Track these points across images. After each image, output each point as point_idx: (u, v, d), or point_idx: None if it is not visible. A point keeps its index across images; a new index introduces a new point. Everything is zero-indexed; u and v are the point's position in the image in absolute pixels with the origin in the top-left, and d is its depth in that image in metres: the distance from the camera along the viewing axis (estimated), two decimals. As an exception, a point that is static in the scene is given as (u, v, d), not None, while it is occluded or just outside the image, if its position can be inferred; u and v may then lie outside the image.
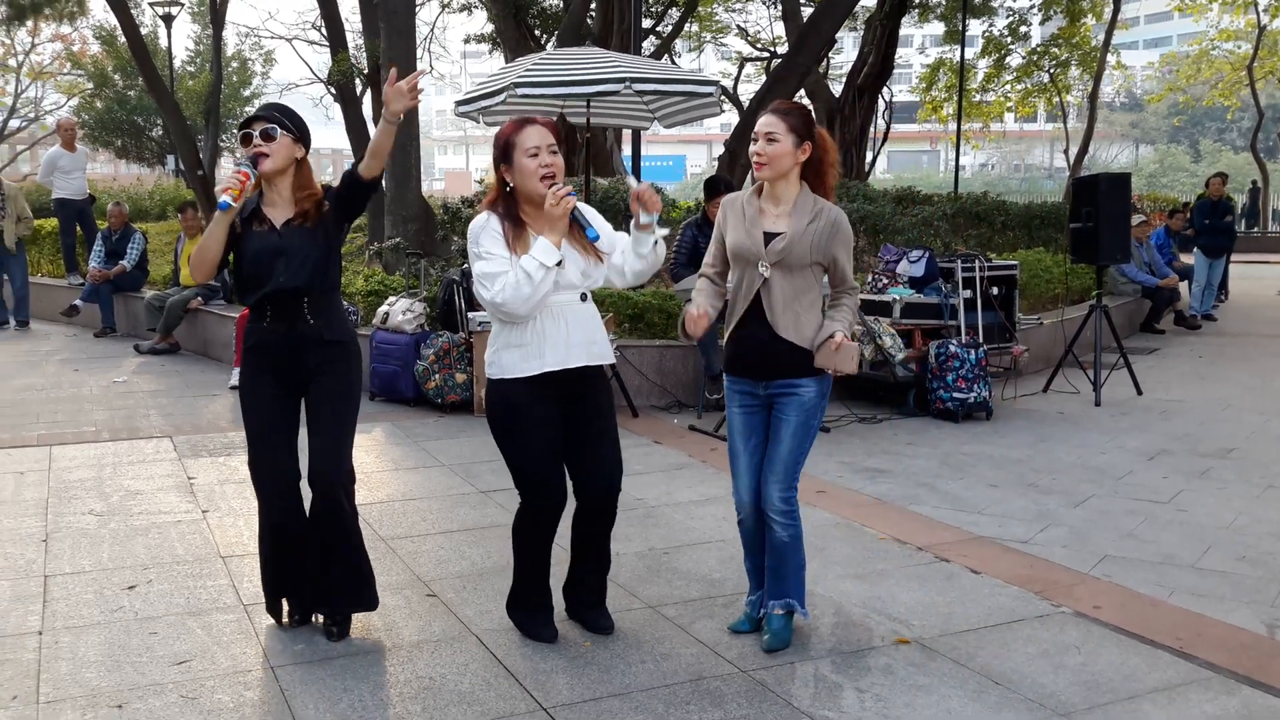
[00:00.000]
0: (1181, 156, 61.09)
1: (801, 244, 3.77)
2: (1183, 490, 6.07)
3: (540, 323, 3.74)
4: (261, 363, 3.95)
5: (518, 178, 3.74)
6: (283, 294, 3.84)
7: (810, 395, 3.84)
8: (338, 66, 14.47)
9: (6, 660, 3.81)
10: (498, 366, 3.81)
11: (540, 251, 3.64)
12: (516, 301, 3.63)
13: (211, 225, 3.79)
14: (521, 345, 3.76)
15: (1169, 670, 3.79)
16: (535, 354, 3.75)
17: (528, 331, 3.75)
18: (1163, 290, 12.61)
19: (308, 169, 3.96)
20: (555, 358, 3.75)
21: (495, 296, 3.65)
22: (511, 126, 3.78)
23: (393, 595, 4.44)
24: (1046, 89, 28.96)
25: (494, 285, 3.65)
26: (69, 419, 7.83)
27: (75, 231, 13.32)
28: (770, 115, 3.80)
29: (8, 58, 34.76)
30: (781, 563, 3.94)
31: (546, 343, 3.75)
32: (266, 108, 3.96)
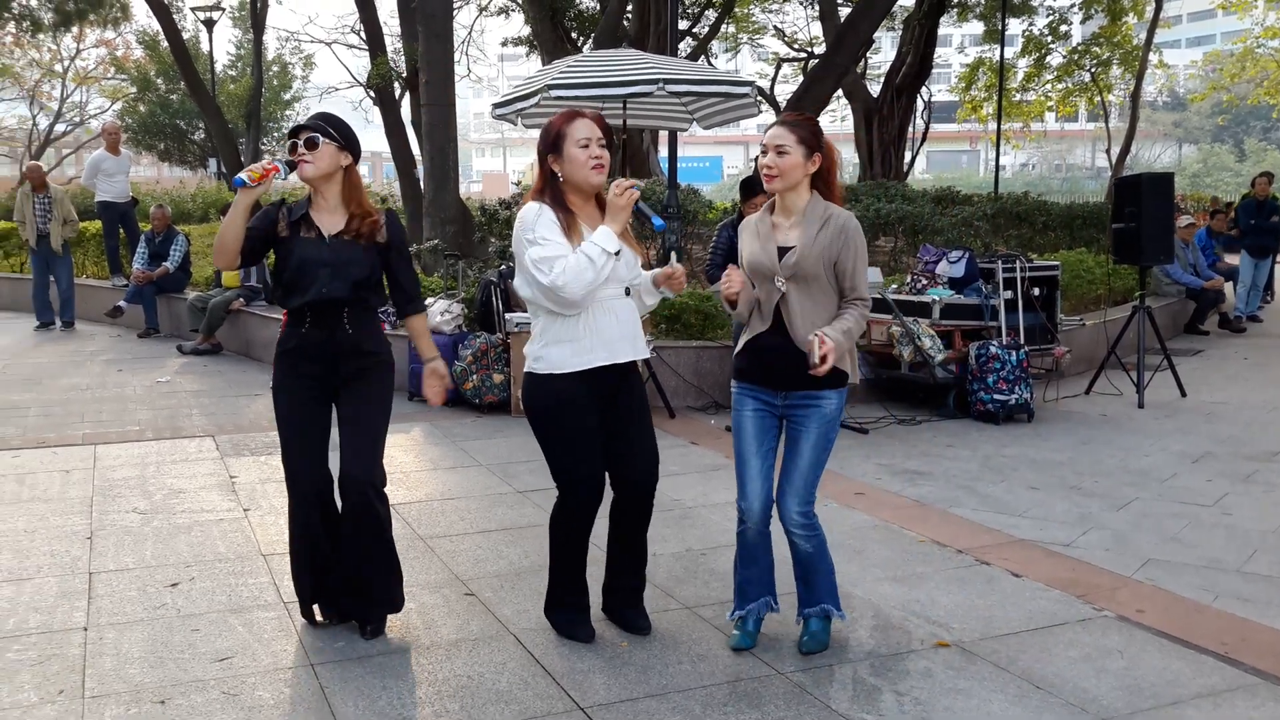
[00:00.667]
0: (1226, 156, 60.27)
1: (812, 254, 3.72)
2: (1227, 493, 5.99)
3: (593, 317, 3.76)
4: (297, 367, 3.97)
5: (567, 168, 3.75)
6: (325, 303, 3.88)
7: (831, 407, 3.79)
8: (376, 70, 14.56)
9: (53, 655, 3.87)
10: (545, 361, 3.80)
11: (602, 238, 3.66)
12: (577, 286, 3.62)
13: (231, 209, 3.81)
14: (574, 340, 3.76)
15: (1213, 676, 3.73)
16: (587, 349, 3.76)
17: (580, 326, 3.75)
18: (1207, 291, 12.45)
19: (356, 177, 4.01)
20: (605, 352, 3.78)
21: (555, 279, 3.62)
22: (562, 118, 3.80)
23: (431, 594, 4.47)
24: (1088, 88, 28.65)
25: (553, 269, 3.63)
26: (113, 418, 7.93)
27: (119, 234, 13.49)
28: (779, 128, 3.77)
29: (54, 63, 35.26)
30: (810, 572, 3.91)
31: (599, 337, 3.77)
32: (315, 117, 4.00)
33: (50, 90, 36.26)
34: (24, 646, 3.94)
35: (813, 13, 24.57)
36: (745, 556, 3.97)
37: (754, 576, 3.97)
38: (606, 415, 3.87)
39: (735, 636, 3.98)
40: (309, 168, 3.84)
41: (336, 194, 3.94)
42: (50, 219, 12.59)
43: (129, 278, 12.73)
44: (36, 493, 5.98)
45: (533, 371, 3.84)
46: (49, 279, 12.85)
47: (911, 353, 7.98)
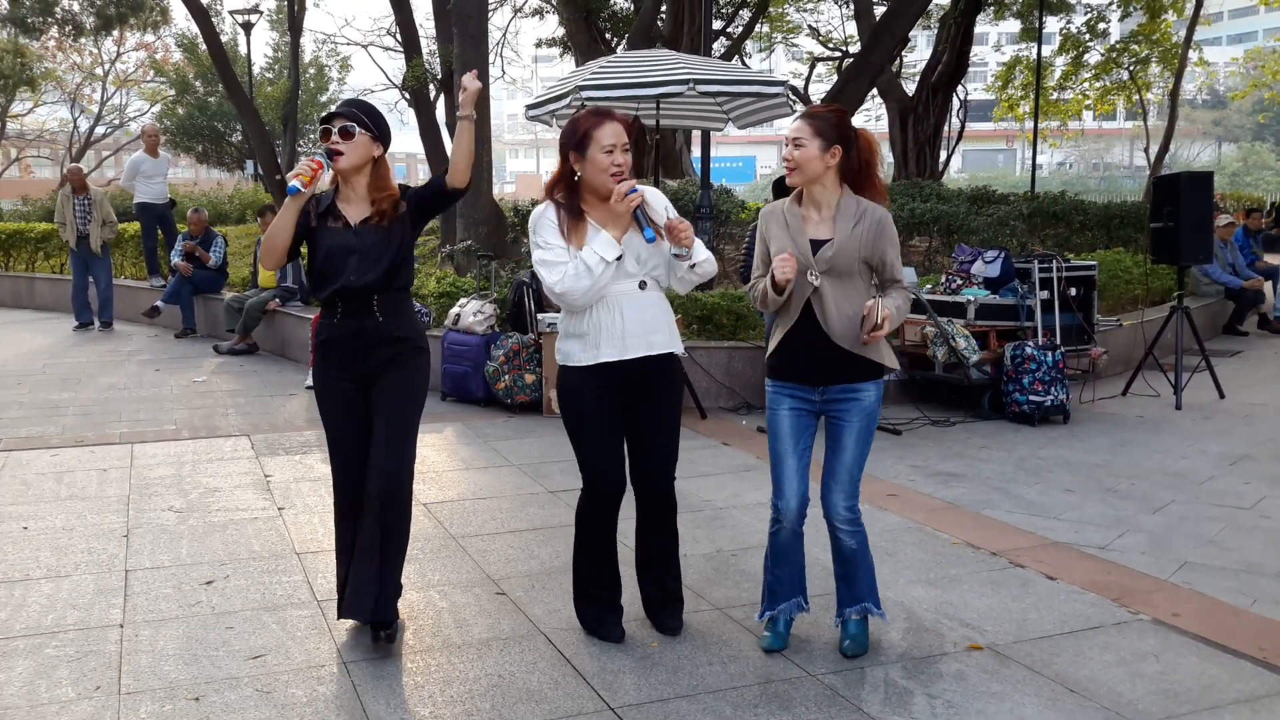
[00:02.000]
0: (1266, 154, 59.52)
1: (848, 248, 3.70)
2: (1266, 496, 5.91)
3: (595, 314, 3.78)
4: (331, 357, 3.98)
5: (588, 169, 3.74)
6: (353, 291, 3.86)
7: (871, 399, 3.78)
8: (412, 72, 14.64)
9: (90, 652, 3.91)
10: (562, 354, 3.88)
11: (601, 245, 3.67)
12: (575, 293, 3.69)
13: (281, 211, 3.83)
14: (581, 335, 3.82)
15: (1251, 681, 3.68)
16: (592, 345, 3.79)
17: (585, 322, 3.80)
18: (1246, 291, 12.29)
19: (385, 168, 3.97)
20: (612, 349, 3.78)
21: (555, 286, 3.71)
22: (591, 119, 3.76)
23: (463, 593, 4.49)
24: (1126, 86, 28.37)
25: (552, 275, 3.71)
26: (150, 418, 8.02)
27: (157, 235, 13.65)
28: (798, 120, 3.76)
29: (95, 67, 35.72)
30: (853, 570, 3.89)
31: (602, 334, 3.78)
32: (348, 104, 3.96)
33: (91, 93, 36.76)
34: (62, 643, 3.99)
35: (848, 12, 24.47)
36: (778, 556, 3.95)
37: (785, 576, 3.95)
38: (631, 414, 3.89)
39: (766, 638, 3.96)
40: (343, 159, 3.81)
41: (365, 184, 3.91)
42: (90, 220, 12.76)
43: (166, 279, 12.87)
44: (74, 491, 6.05)
45: (558, 362, 3.93)
46: (88, 280, 13.02)
47: (946, 353, 7.93)
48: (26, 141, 40.94)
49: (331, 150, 3.81)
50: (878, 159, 3.87)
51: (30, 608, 4.33)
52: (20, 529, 5.35)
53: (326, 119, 3.88)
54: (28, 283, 15.76)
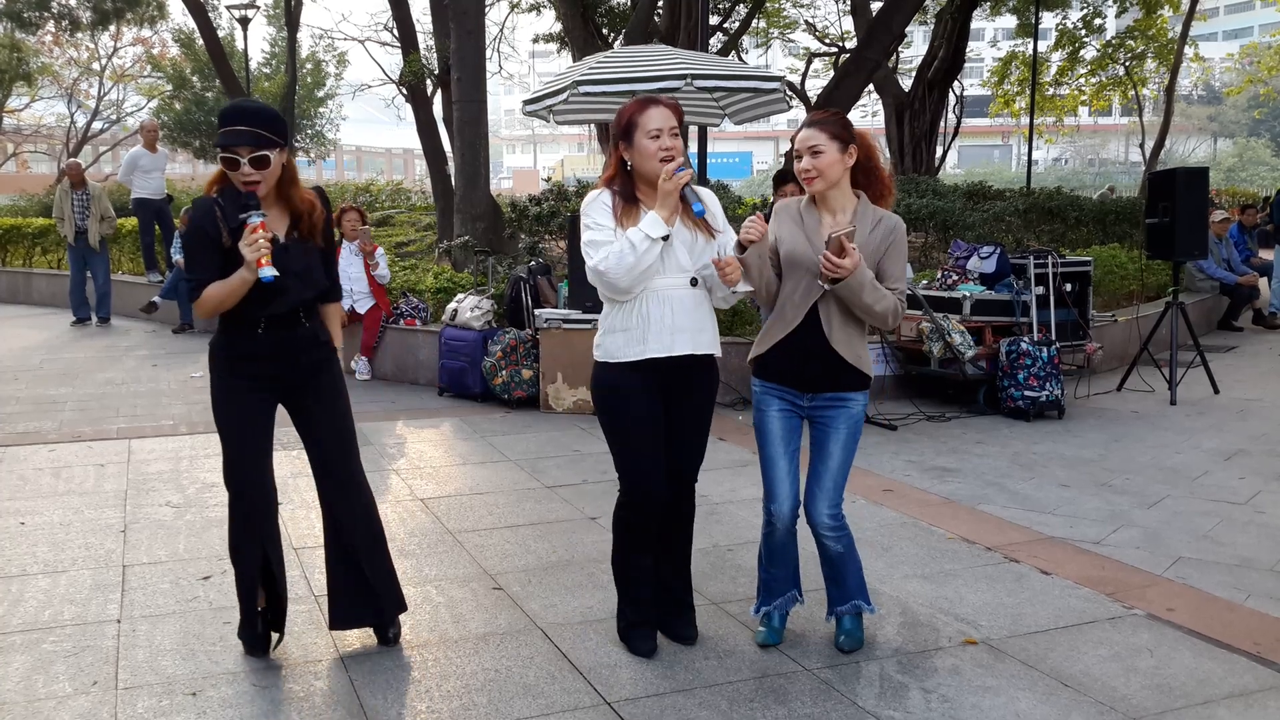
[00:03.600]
0: (1262, 150, 59.56)
1: (865, 253, 3.69)
2: (1260, 491, 5.93)
3: (645, 306, 3.68)
4: (255, 370, 3.71)
5: (637, 157, 3.69)
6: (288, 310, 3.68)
7: (858, 408, 3.78)
8: (409, 67, 14.62)
9: (87, 647, 3.92)
10: (603, 350, 3.76)
11: (648, 224, 3.58)
12: (619, 271, 3.57)
13: (238, 285, 3.50)
14: (626, 329, 3.70)
15: (1245, 676, 3.70)
16: (638, 339, 3.68)
17: (633, 315, 3.69)
18: (1241, 287, 12.32)
19: (291, 168, 3.67)
20: (659, 344, 3.67)
21: (599, 264, 3.61)
22: (636, 106, 3.71)
23: (460, 588, 4.50)
24: (1122, 82, 28.38)
25: (598, 253, 3.62)
26: (147, 413, 8.03)
27: (154, 230, 13.64)
28: (808, 129, 3.72)
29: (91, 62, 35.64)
30: (841, 571, 3.89)
31: (650, 328, 3.68)
32: (245, 121, 3.51)
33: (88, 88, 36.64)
34: (59, 638, 4.00)
35: (844, 7, 24.46)
36: (772, 556, 3.95)
37: (780, 574, 3.97)
38: (669, 412, 3.79)
39: (762, 633, 3.98)
40: (260, 188, 3.52)
41: (273, 191, 3.61)
42: (88, 216, 12.75)
43: (164, 274, 12.87)
44: (72, 486, 6.06)
45: (596, 359, 3.80)
46: (86, 275, 13.02)
47: (941, 349, 7.95)
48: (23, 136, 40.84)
49: (252, 193, 3.49)
50: (879, 155, 3.88)
51: (27, 603, 4.34)
52: (18, 524, 5.35)
53: (227, 144, 3.50)
54: (25, 278, 15.75)
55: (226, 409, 3.73)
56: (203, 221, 3.58)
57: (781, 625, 4.01)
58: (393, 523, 5.38)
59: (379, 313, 9.25)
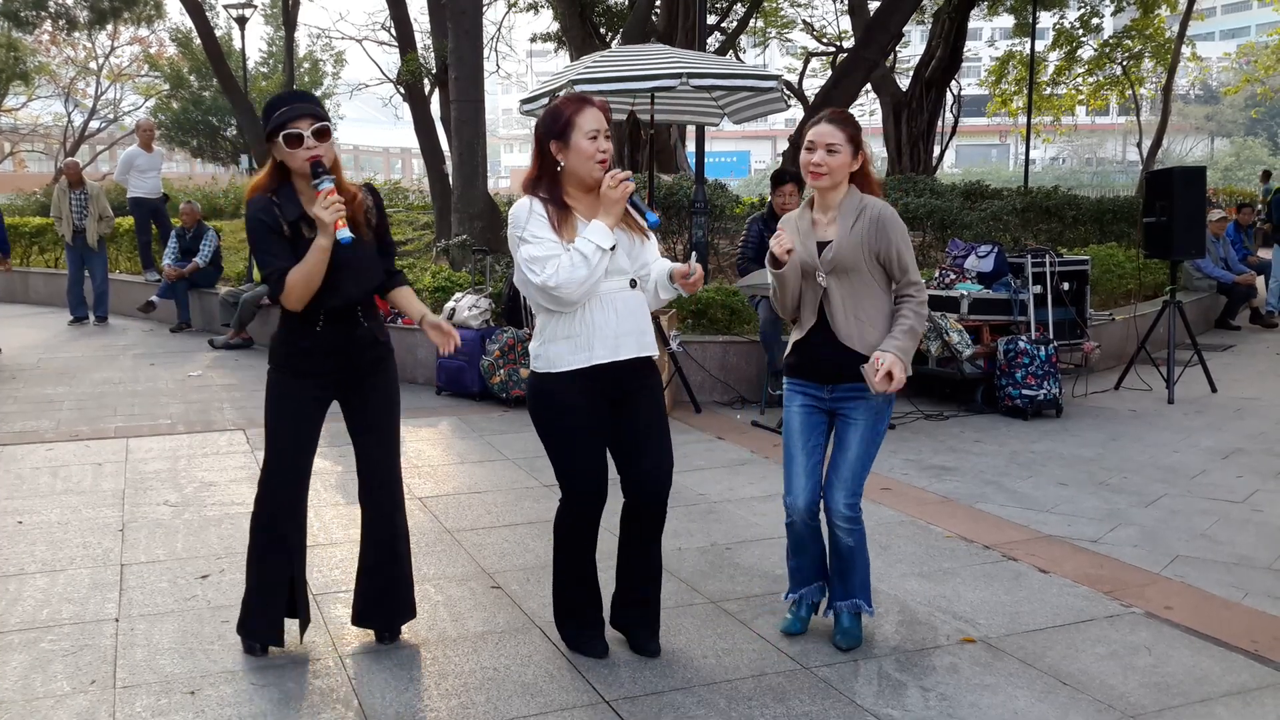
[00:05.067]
0: (1259, 149, 59.60)
1: (849, 246, 3.73)
2: (1258, 490, 5.94)
3: (589, 312, 3.56)
4: (309, 368, 3.72)
5: (572, 158, 3.54)
6: (345, 305, 3.70)
7: (878, 400, 3.80)
8: (407, 67, 14.62)
9: (85, 646, 3.92)
10: (544, 360, 3.62)
11: (595, 234, 3.47)
12: (570, 285, 3.44)
13: (320, 255, 3.50)
14: (570, 336, 3.57)
15: (1243, 674, 3.71)
16: (584, 345, 3.56)
17: (576, 322, 3.57)
18: (1239, 286, 12.33)
19: (338, 161, 3.71)
20: (605, 349, 3.57)
21: (548, 280, 3.44)
22: (572, 105, 3.56)
23: (458, 587, 4.50)
24: (1119, 82, 28.39)
25: (545, 269, 3.45)
26: (145, 412, 8.02)
27: (151, 229, 13.63)
28: (829, 125, 3.73)
29: (89, 61, 35.61)
30: (849, 566, 3.91)
31: (596, 334, 3.56)
32: (304, 100, 3.62)
33: (85, 87, 36.62)
34: (57, 637, 4.00)
35: (841, 6, 24.49)
36: (795, 548, 4.00)
37: (805, 564, 4.01)
38: (617, 416, 3.68)
39: (787, 620, 4.03)
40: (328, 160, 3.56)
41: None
42: (86, 215, 12.74)
43: (161, 273, 12.87)
44: (69, 485, 6.05)
45: (534, 370, 3.67)
46: (84, 274, 13.01)
47: (939, 348, 7.95)
48: (20, 136, 40.83)
49: (317, 161, 3.51)
50: (869, 160, 3.92)
51: (25, 602, 4.34)
52: (15, 523, 5.35)
53: (288, 122, 3.52)
54: (22, 277, 15.72)
55: (279, 405, 3.76)
56: (263, 215, 3.60)
57: (808, 615, 4.05)
58: (391, 522, 5.38)
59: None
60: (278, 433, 3.76)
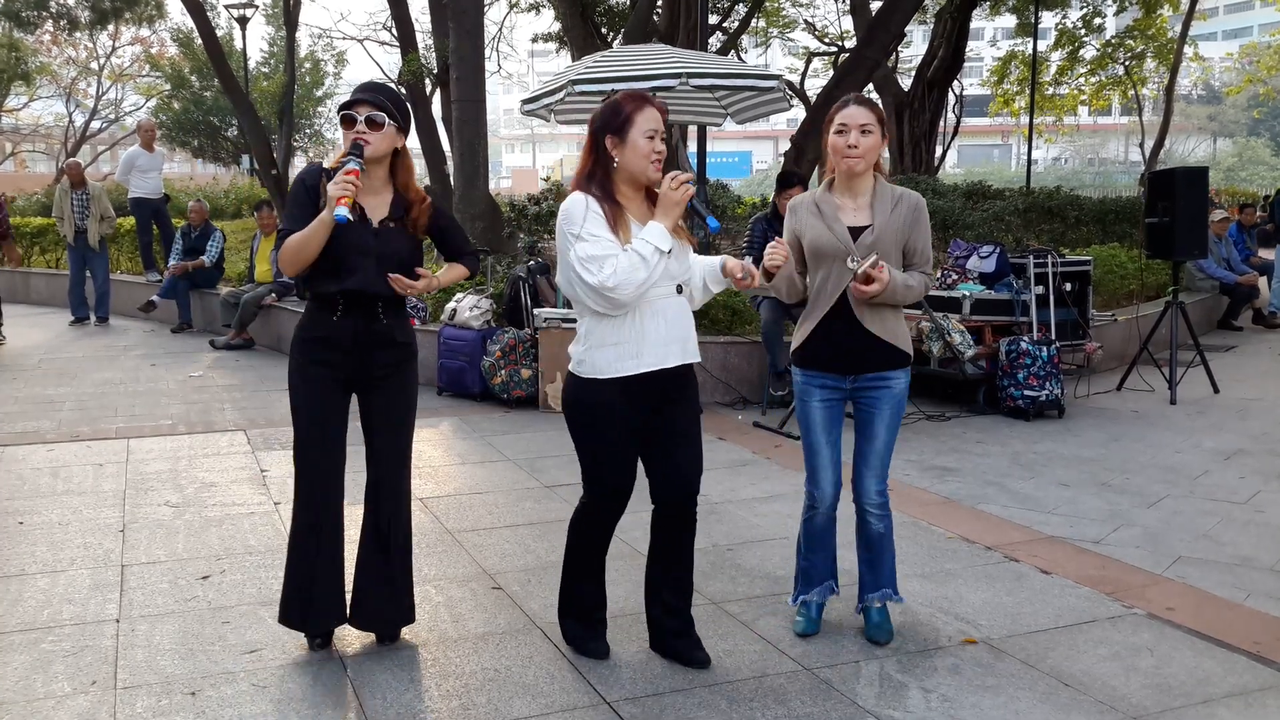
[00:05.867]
0: (1261, 150, 59.56)
1: (891, 231, 3.76)
2: (1260, 491, 5.93)
3: (639, 319, 3.48)
4: (324, 357, 3.74)
5: (628, 155, 3.45)
6: (363, 294, 3.68)
7: (901, 386, 3.84)
8: (408, 67, 14.62)
9: (86, 647, 3.91)
10: (589, 365, 3.53)
11: (655, 235, 3.38)
12: (628, 287, 3.34)
13: (318, 226, 3.52)
14: (618, 343, 3.48)
15: (1245, 675, 3.70)
16: (632, 353, 3.49)
17: (625, 328, 3.47)
18: (1241, 287, 12.32)
19: (407, 158, 3.78)
20: (653, 357, 3.51)
21: (606, 280, 3.33)
22: (632, 101, 3.49)
23: (459, 587, 4.49)
24: (1121, 82, 28.36)
25: (603, 269, 3.34)
26: (146, 412, 8.02)
27: (152, 230, 13.64)
28: (859, 107, 3.71)
29: (90, 61, 35.62)
30: (879, 555, 3.95)
31: (645, 341, 3.49)
32: (372, 90, 3.69)
33: (86, 88, 36.64)
34: (58, 638, 3.99)
35: (843, 6, 24.45)
36: (812, 542, 4.00)
37: (819, 561, 4.01)
38: (651, 422, 3.62)
39: (800, 622, 4.02)
40: (369, 149, 3.57)
41: (383, 175, 3.72)
42: (88, 215, 12.74)
43: (162, 273, 12.87)
44: (70, 486, 6.05)
45: (575, 374, 3.59)
46: (85, 275, 13.01)
47: (941, 348, 7.94)
48: (21, 136, 40.84)
49: (359, 142, 3.56)
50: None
51: (26, 603, 4.33)
52: (16, 524, 5.34)
53: (349, 104, 3.60)
54: (23, 277, 15.74)
55: (299, 389, 3.78)
56: (306, 179, 3.69)
57: (819, 615, 4.05)
58: (392, 522, 5.38)
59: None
60: (300, 416, 3.79)
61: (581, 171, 3.55)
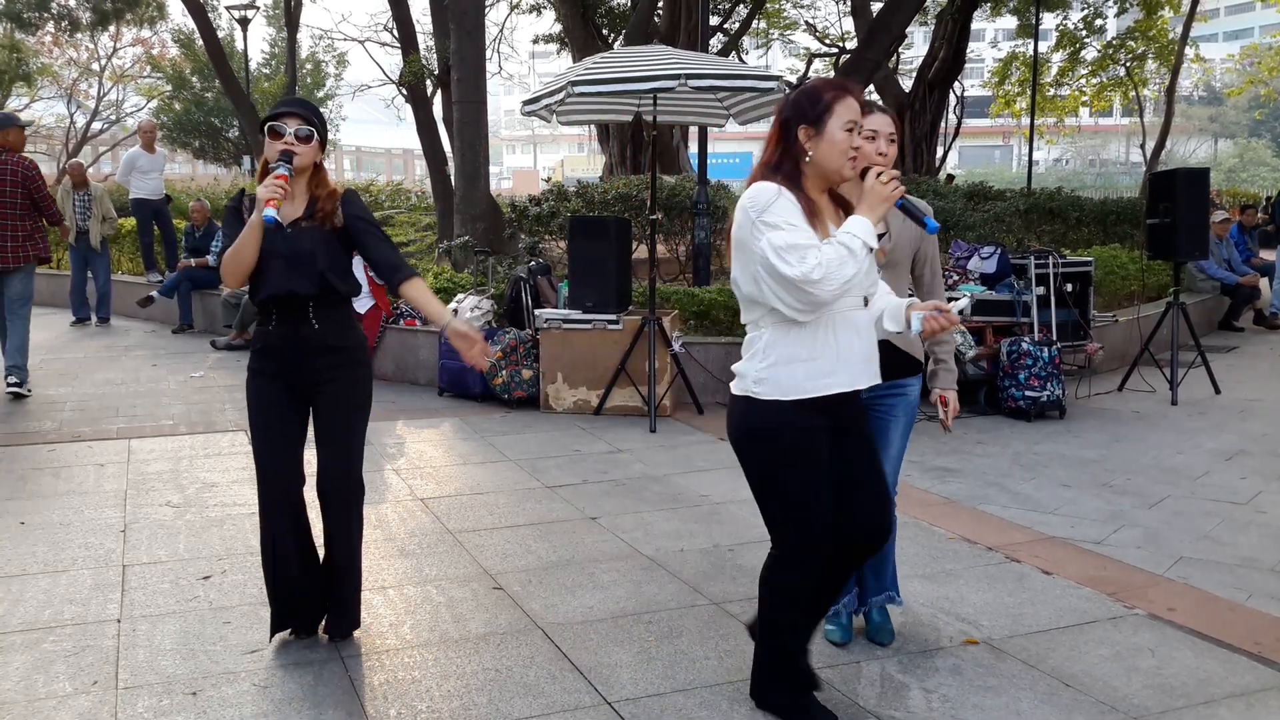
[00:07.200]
0: (1262, 151, 59.61)
1: (904, 240, 3.77)
2: (1261, 491, 5.93)
3: (833, 330, 3.09)
4: (266, 367, 3.80)
5: (824, 148, 3.09)
6: (283, 297, 3.69)
7: (915, 394, 3.86)
8: (409, 68, 14.63)
9: (87, 647, 3.92)
10: (772, 384, 3.11)
11: (862, 229, 3.01)
12: (833, 282, 2.94)
13: (249, 232, 3.61)
14: (811, 359, 3.08)
15: (1246, 675, 3.70)
16: (825, 370, 3.09)
17: (819, 340, 3.08)
18: (1242, 288, 12.31)
19: (324, 172, 3.82)
20: (846, 376, 3.13)
21: (810, 273, 2.91)
22: (831, 90, 3.14)
23: (460, 588, 4.49)
24: (1122, 83, 28.38)
25: (805, 260, 2.92)
26: (147, 413, 8.02)
27: (153, 230, 13.64)
28: (885, 115, 3.63)
29: (91, 62, 35.66)
30: (884, 559, 3.96)
31: (841, 357, 3.11)
32: (300, 105, 3.75)
33: (87, 89, 36.67)
34: (59, 638, 3.99)
35: (844, 8, 24.46)
36: None
37: None
38: (834, 450, 3.22)
39: (834, 631, 3.98)
40: (297, 159, 3.63)
41: (303, 185, 3.74)
42: (90, 216, 12.73)
43: (164, 274, 12.88)
44: (72, 486, 6.05)
45: (751, 396, 3.15)
46: (86, 275, 13.01)
47: (942, 349, 7.93)
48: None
49: (289, 151, 3.61)
50: None
51: (27, 603, 4.33)
52: (18, 524, 5.34)
53: (275, 116, 3.67)
54: (24, 278, 15.71)
55: (251, 401, 3.85)
56: (232, 204, 3.82)
57: (849, 622, 4.03)
58: (393, 522, 5.38)
59: (379, 313, 9.25)
60: (253, 427, 3.86)
61: (766, 162, 3.22)
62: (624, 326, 7.84)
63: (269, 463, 3.83)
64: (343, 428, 3.83)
